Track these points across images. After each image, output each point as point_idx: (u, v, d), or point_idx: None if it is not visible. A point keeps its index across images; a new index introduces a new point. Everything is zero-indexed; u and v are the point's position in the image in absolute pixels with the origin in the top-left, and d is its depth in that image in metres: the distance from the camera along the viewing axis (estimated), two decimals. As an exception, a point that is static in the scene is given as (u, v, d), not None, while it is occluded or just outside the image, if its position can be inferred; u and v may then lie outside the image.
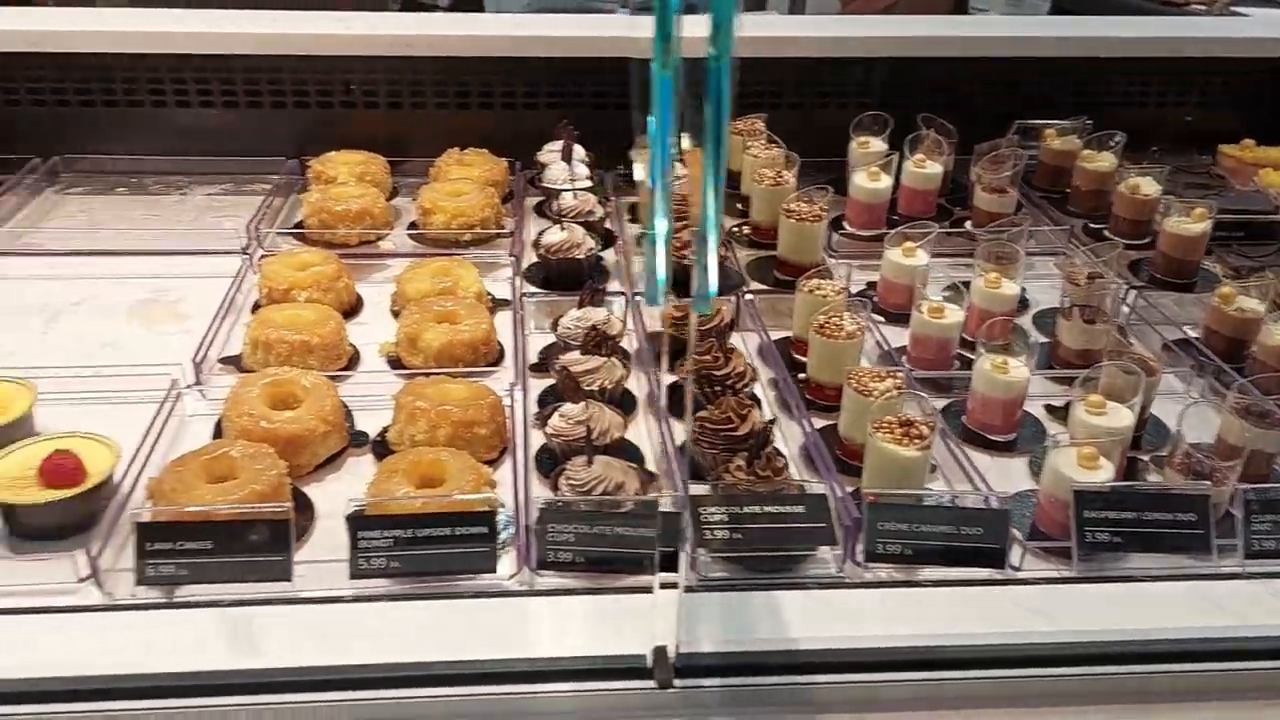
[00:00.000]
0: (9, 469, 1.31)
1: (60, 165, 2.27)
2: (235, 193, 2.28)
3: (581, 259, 1.83)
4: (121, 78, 2.26)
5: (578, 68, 2.30)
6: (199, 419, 1.54)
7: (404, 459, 1.34)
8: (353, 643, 1.01)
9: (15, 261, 1.95)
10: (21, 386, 1.47)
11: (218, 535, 1.18)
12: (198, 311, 1.82)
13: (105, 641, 1.01)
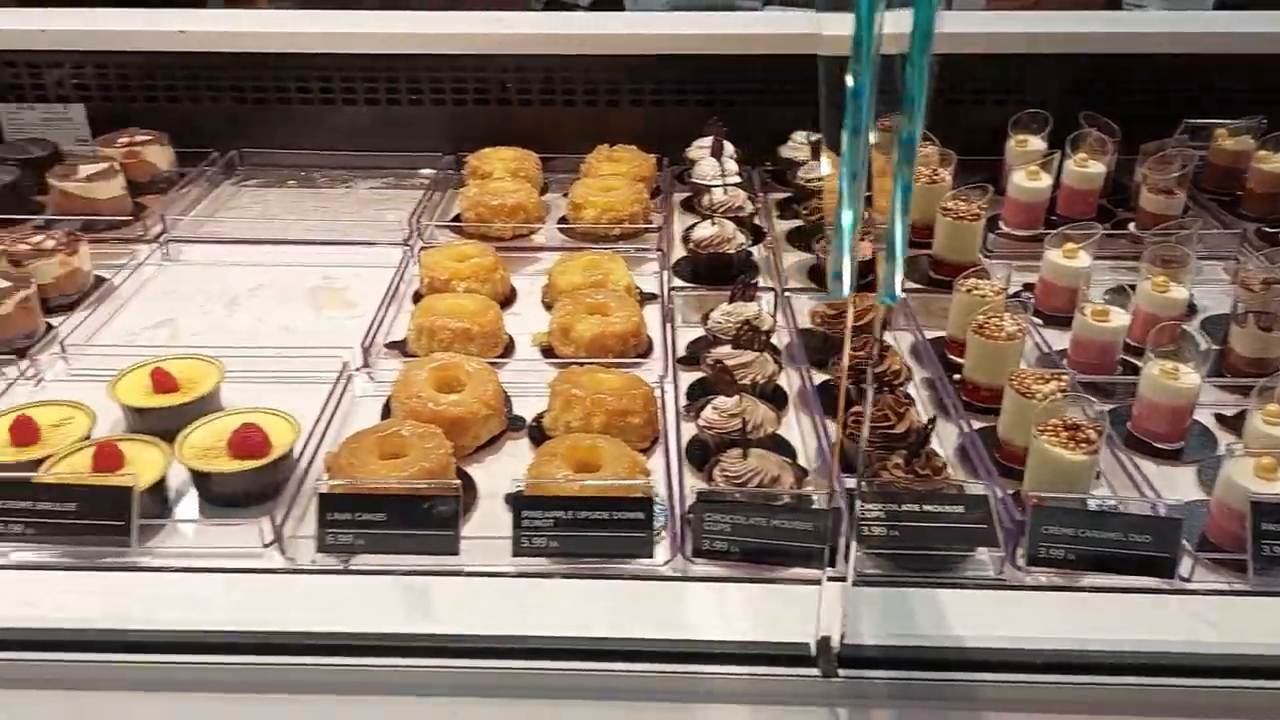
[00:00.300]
0: (201, 440, 1.41)
1: (237, 159, 2.41)
2: (396, 186, 2.38)
3: (731, 254, 1.85)
4: (293, 76, 2.38)
5: (727, 65, 2.32)
6: (367, 399, 1.62)
7: (562, 444, 1.38)
8: (518, 614, 1.05)
9: (198, 248, 2.08)
10: (211, 364, 1.57)
11: (391, 508, 1.24)
12: (363, 299, 1.92)
13: (288, 601, 1.07)
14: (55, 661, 0.98)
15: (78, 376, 1.66)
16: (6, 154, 2.26)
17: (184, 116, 2.39)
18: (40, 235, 1.90)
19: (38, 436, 1.41)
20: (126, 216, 2.10)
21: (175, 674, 0.99)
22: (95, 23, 2.36)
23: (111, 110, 2.39)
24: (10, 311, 1.70)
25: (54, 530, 1.24)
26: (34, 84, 2.39)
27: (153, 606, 1.04)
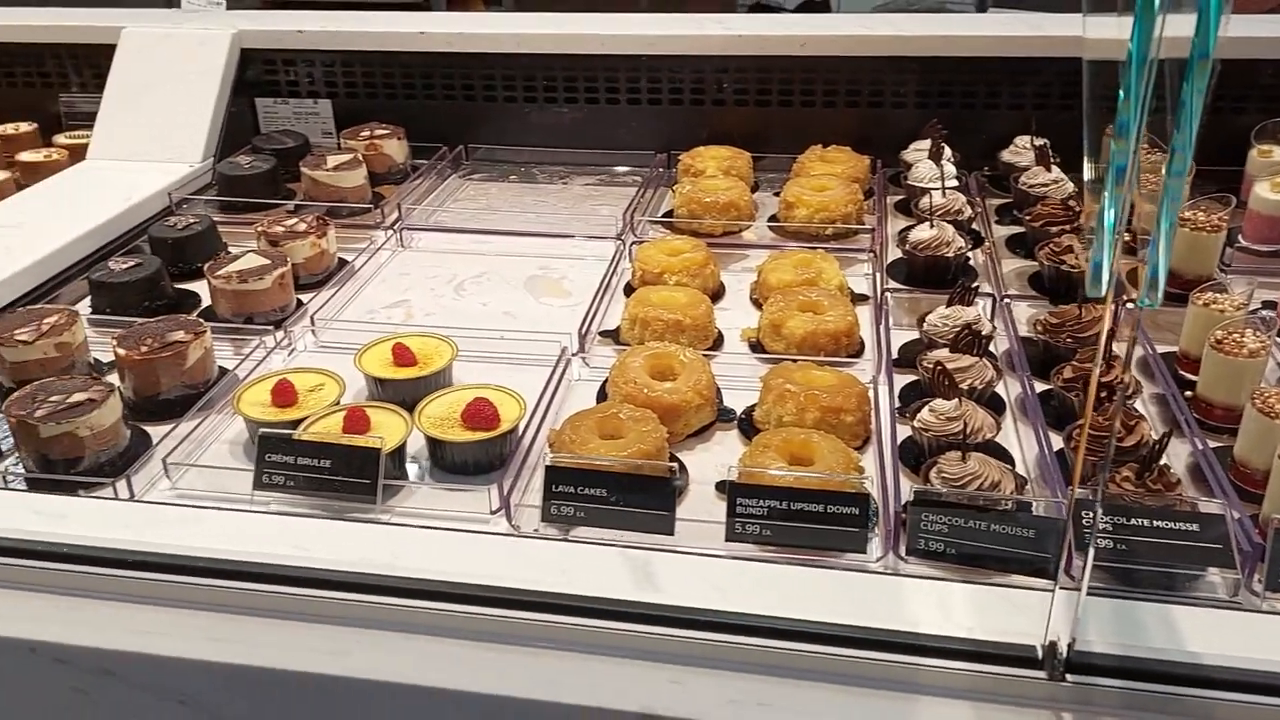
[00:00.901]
0: (437, 410, 1.52)
1: (464, 154, 2.56)
2: (609, 183, 2.47)
3: (950, 257, 1.82)
4: (520, 76, 2.51)
5: (948, 68, 2.29)
6: (582, 383, 1.70)
7: (776, 436, 1.41)
8: (737, 592, 1.08)
9: (429, 236, 2.22)
10: (444, 343, 1.69)
11: (612, 485, 1.30)
12: (577, 288, 2.01)
13: (519, 561, 1.14)
14: (322, 599, 1.07)
15: (325, 347, 1.81)
16: (263, 144, 2.48)
17: (419, 113, 2.56)
18: (293, 219, 2.08)
19: (295, 399, 1.55)
20: (366, 204, 2.27)
21: (419, 618, 1.08)
22: (345, 24, 2.56)
23: (354, 106, 2.59)
24: (269, 287, 1.87)
25: (310, 484, 1.36)
26: (288, 81, 2.61)
27: (400, 555, 1.13)
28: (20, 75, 2.78)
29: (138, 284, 1.91)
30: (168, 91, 2.46)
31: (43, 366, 1.65)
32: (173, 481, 1.44)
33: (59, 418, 1.44)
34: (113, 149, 2.42)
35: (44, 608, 1.09)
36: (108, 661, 1.04)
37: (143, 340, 1.63)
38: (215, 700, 1.05)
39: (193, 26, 2.55)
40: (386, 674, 1.01)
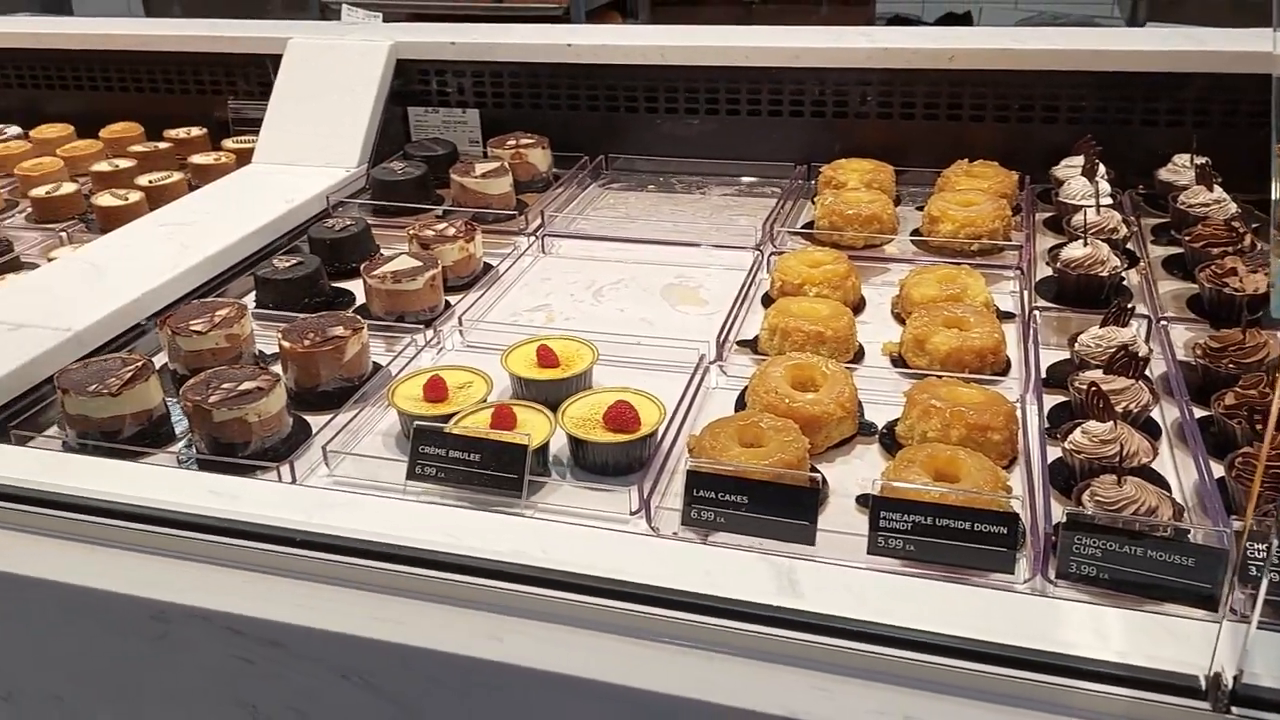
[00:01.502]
0: (579, 411, 1.56)
1: (604, 163, 2.62)
2: (747, 194, 2.49)
3: (1104, 276, 1.77)
4: (663, 88, 2.55)
5: (1103, 83, 2.22)
6: (719, 391, 1.71)
7: (921, 451, 1.39)
8: (881, 604, 1.07)
9: (570, 243, 2.28)
10: (585, 346, 1.73)
11: (753, 492, 1.31)
12: (714, 297, 2.03)
13: (660, 560, 1.16)
14: (476, 585, 1.12)
15: (471, 347, 1.88)
16: (414, 151, 2.58)
17: (562, 123, 2.63)
18: (443, 223, 2.16)
19: (446, 395, 1.62)
20: (511, 211, 2.34)
21: (568, 609, 1.11)
22: (494, 36, 2.65)
23: (501, 115, 2.67)
24: (420, 288, 1.95)
25: (459, 477, 1.41)
26: (439, 90, 2.71)
27: (549, 549, 1.16)
28: (193, 83, 2.96)
29: (299, 281, 2.02)
30: (328, 100, 2.59)
31: (214, 356, 1.75)
32: (331, 469, 1.52)
33: (230, 404, 1.53)
34: (276, 153, 2.56)
35: (221, 579, 1.16)
36: (277, 633, 1.11)
37: (305, 334, 1.72)
38: (375, 676, 1.10)
39: (354, 38, 2.67)
40: (538, 661, 1.04)
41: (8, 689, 1.28)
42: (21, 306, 1.83)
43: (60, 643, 1.23)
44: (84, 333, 1.75)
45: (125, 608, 1.16)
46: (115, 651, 1.20)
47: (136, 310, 1.87)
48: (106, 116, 2.96)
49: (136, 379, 1.60)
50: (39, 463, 1.37)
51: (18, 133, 2.99)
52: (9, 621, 1.23)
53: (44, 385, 1.66)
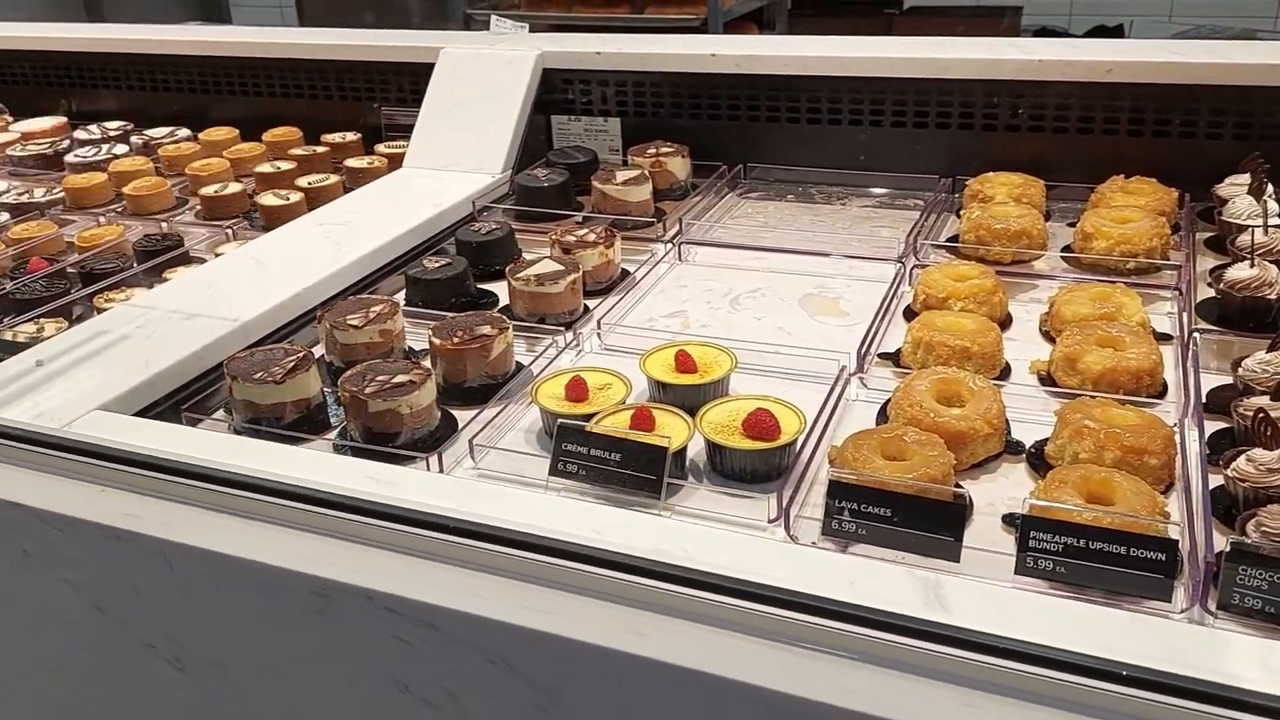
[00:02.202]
0: (718, 417, 1.57)
1: (742, 172, 2.63)
2: (888, 206, 2.46)
3: (1271, 299, 1.69)
4: (805, 97, 2.54)
5: (1271, 98, 2.12)
6: (859, 404, 1.70)
7: (1073, 473, 1.36)
8: (1032, 623, 1.05)
9: (706, 251, 2.29)
10: (724, 353, 1.73)
11: (897, 506, 1.30)
12: (854, 309, 2.01)
13: (803, 567, 1.16)
14: (621, 581, 1.14)
15: (609, 350, 1.91)
16: (557, 159, 2.64)
17: (701, 131, 2.65)
18: (584, 229, 2.21)
19: (586, 395, 1.65)
20: (649, 218, 2.37)
21: (710, 609, 1.12)
22: (639, 46, 2.69)
23: (641, 124, 2.71)
24: (562, 291, 1.99)
25: (599, 475, 1.44)
26: (583, 99, 2.77)
27: (690, 549, 1.18)
28: (349, 90, 3.10)
29: (447, 281, 2.09)
30: (476, 107, 2.67)
31: (368, 350, 1.83)
32: (476, 461, 1.57)
33: (385, 395, 1.60)
34: (425, 159, 2.65)
35: (380, 561, 1.21)
36: (432, 616, 1.15)
37: (454, 332, 1.78)
38: (520, 662, 1.13)
39: (503, 48, 2.75)
40: (682, 658, 1.05)
41: (176, 654, 1.36)
42: (193, 298, 1.95)
43: (228, 613, 1.31)
44: (250, 323, 1.85)
45: (289, 583, 1.22)
46: (278, 624, 1.27)
47: (297, 304, 1.96)
48: (269, 121, 3.12)
49: (298, 369, 1.68)
50: (212, 443, 1.46)
51: (187, 135, 3.19)
52: (183, 591, 1.32)
53: (212, 371, 1.76)
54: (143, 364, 1.69)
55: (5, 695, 1.60)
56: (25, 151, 3.14)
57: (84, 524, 1.34)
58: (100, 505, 1.36)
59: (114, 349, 1.75)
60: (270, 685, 1.32)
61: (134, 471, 1.39)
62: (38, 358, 1.72)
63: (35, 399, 1.59)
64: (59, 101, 3.51)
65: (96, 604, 1.38)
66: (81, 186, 2.78)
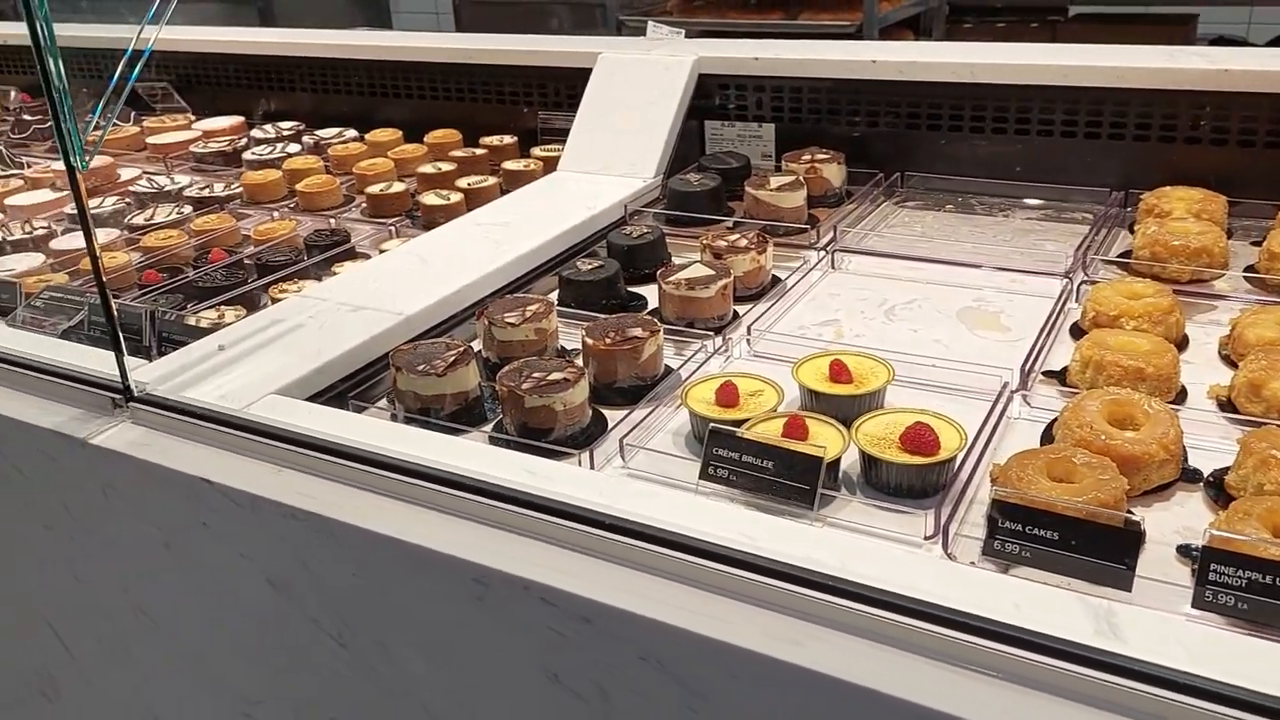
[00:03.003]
0: (874, 429, 1.54)
1: (899, 181, 2.57)
2: (1054, 219, 2.37)
3: None
4: (969, 104, 2.48)
5: None
6: (1021, 422, 1.64)
7: (1259, 504, 1.27)
8: (1214, 659, 0.99)
9: (860, 260, 2.26)
10: (881, 365, 1.70)
11: (1064, 529, 1.25)
12: (1015, 324, 1.94)
13: (964, 586, 1.12)
14: (775, 588, 1.13)
15: (758, 357, 1.90)
16: (709, 164, 2.65)
17: (857, 138, 2.61)
18: (735, 234, 2.20)
19: (737, 401, 1.64)
20: (802, 225, 2.35)
21: (868, 623, 1.10)
22: (798, 52, 2.67)
23: (795, 130, 2.69)
24: (712, 296, 1.99)
25: (750, 482, 1.43)
26: (737, 105, 2.76)
27: (848, 561, 1.16)
28: (508, 94, 3.19)
29: (599, 283, 2.12)
30: (631, 112, 2.70)
31: (523, 347, 1.87)
32: (625, 461, 1.59)
33: (541, 392, 1.63)
34: (580, 162, 2.70)
35: (537, 553, 1.24)
36: (586, 609, 1.17)
37: (607, 333, 1.80)
38: (672, 662, 1.14)
39: (660, 53, 2.78)
40: (839, 670, 1.04)
41: (340, 630, 1.42)
42: (361, 291, 2.03)
43: (390, 594, 1.36)
44: (413, 317, 1.92)
45: (450, 568, 1.26)
46: (437, 608, 1.31)
47: (457, 300, 2.02)
48: (430, 123, 3.23)
49: (458, 363, 1.74)
50: (378, 430, 1.51)
51: (354, 136, 3.33)
52: (349, 570, 1.37)
53: (377, 362, 1.83)
54: (315, 352, 1.78)
55: (183, 656, 1.70)
56: (206, 149, 3.35)
57: (261, 501, 1.41)
58: (276, 484, 1.43)
59: (288, 337, 1.84)
60: (427, 665, 1.36)
61: (308, 454, 1.46)
62: (220, 342, 1.82)
63: (218, 381, 1.68)
64: (257, 101, 3.70)
65: (268, 578, 1.46)
66: (258, 183, 2.94)
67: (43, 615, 1.92)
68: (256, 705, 1.61)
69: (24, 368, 1.80)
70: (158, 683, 1.78)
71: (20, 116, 3.81)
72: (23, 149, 3.59)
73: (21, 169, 3.35)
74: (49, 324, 2.12)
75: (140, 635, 1.73)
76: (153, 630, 1.70)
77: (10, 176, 3.25)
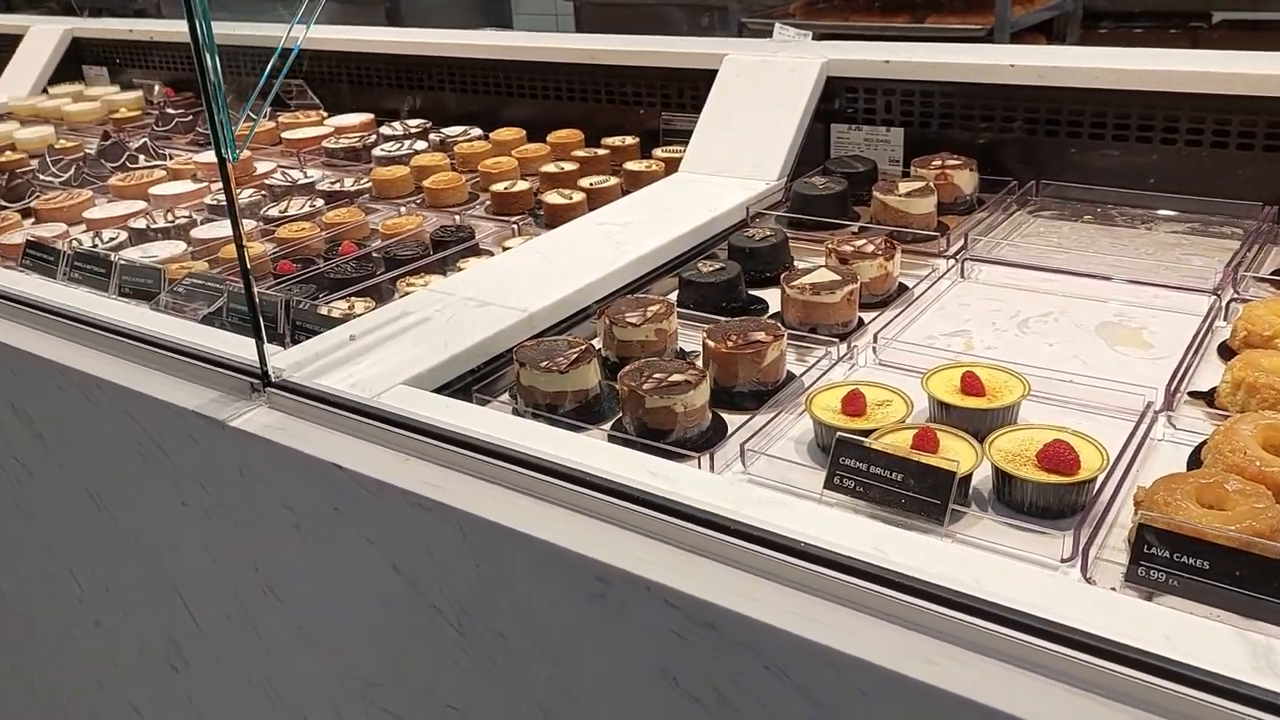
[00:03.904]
0: (1008, 445, 1.48)
1: (1034, 189, 2.49)
2: (1200, 233, 2.25)
3: None
4: (1113, 112, 2.38)
5: None
6: (1164, 444, 1.56)
7: None
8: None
9: (992, 269, 2.19)
10: (1016, 379, 1.64)
11: (1215, 559, 1.18)
12: (1159, 341, 1.85)
13: (1107, 613, 1.07)
14: (906, 603, 1.10)
15: (884, 366, 1.85)
16: (835, 167, 2.60)
17: (990, 145, 2.53)
18: (862, 239, 2.16)
19: (864, 410, 1.61)
20: (932, 232, 2.29)
21: (1003, 644, 1.06)
22: (931, 55, 2.60)
23: (925, 135, 2.62)
24: (838, 301, 1.96)
25: (878, 494, 1.40)
26: (865, 109, 2.71)
27: (982, 580, 1.12)
28: (630, 95, 3.20)
29: (720, 285, 2.10)
30: (756, 114, 2.68)
31: (643, 347, 1.87)
32: (745, 466, 1.57)
33: (662, 392, 1.62)
34: (702, 164, 2.69)
35: (660, 554, 1.23)
36: (710, 614, 1.15)
37: (728, 336, 1.79)
38: (798, 674, 1.11)
39: (787, 55, 2.75)
40: (977, 693, 1.00)
41: (460, 619, 1.43)
42: (485, 287, 2.06)
43: (511, 587, 1.37)
44: (536, 314, 1.94)
45: (573, 564, 1.26)
46: (558, 602, 1.31)
47: (579, 298, 2.03)
48: (552, 123, 3.27)
49: (580, 360, 1.74)
50: (504, 423, 1.53)
51: (479, 134, 3.39)
52: (473, 560, 1.39)
53: (500, 357, 1.85)
54: (442, 345, 1.81)
55: (306, 636, 1.75)
56: (337, 144, 3.45)
57: (390, 488, 1.44)
58: (405, 473, 1.46)
59: (417, 330, 1.88)
60: (544, 660, 1.37)
61: (435, 444, 1.48)
62: (351, 332, 1.87)
63: (349, 370, 1.73)
64: (404, 98, 3.79)
65: (393, 564, 1.48)
66: (386, 179, 3.01)
67: (175, 587, 2.00)
68: (375, 688, 1.64)
69: (169, 350, 1.88)
70: (280, 660, 1.83)
71: (164, 110, 4.00)
72: (165, 142, 3.76)
73: (165, 160, 3.51)
74: (190, 309, 2.22)
75: (266, 613, 1.79)
76: (279, 608, 1.75)
77: (154, 167, 3.41)
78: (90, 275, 2.40)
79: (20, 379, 2.13)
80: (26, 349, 2.07)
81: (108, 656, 2.37)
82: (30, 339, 2.11)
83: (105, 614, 2.29)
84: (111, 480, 2.03)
